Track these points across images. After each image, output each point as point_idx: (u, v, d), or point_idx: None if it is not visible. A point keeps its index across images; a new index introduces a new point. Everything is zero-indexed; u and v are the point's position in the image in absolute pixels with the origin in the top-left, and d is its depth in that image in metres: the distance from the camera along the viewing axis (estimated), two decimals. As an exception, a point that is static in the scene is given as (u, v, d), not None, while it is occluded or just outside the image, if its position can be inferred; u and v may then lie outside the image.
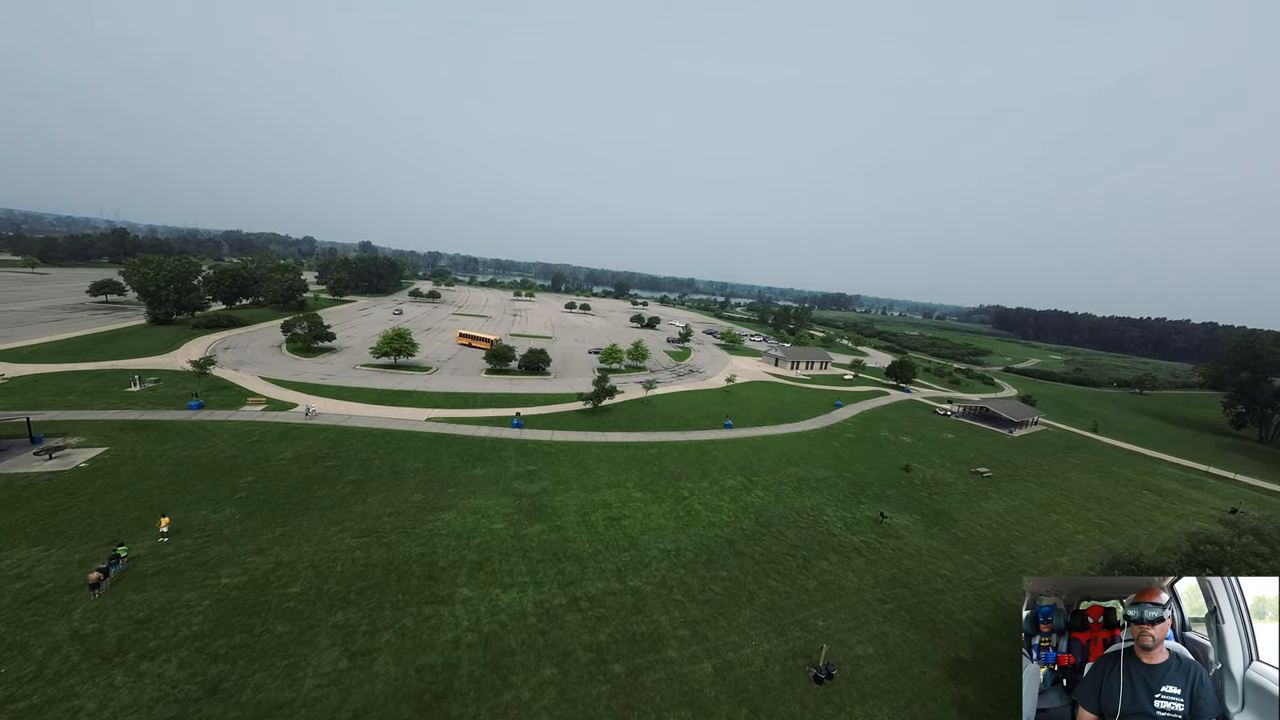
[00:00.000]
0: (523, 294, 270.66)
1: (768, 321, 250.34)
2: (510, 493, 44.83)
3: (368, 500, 41.07)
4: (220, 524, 35.81)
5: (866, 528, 46.09)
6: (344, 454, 48.91)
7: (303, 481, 42.90)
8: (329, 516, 38.19)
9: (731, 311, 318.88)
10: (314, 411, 57.89)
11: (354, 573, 32.10)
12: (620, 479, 49.98)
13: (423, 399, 68.83)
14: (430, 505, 41.25)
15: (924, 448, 73.51)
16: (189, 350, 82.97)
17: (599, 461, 53.61)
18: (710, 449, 61.41)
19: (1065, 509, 57.26)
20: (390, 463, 48.15)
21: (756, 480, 53.50)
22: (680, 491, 48.71)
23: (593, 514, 42.64)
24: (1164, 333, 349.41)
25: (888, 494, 54.89)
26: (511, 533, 38.53)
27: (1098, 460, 79.55)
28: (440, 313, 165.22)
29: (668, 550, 38.41)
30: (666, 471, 53.11)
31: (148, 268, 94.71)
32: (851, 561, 40.02)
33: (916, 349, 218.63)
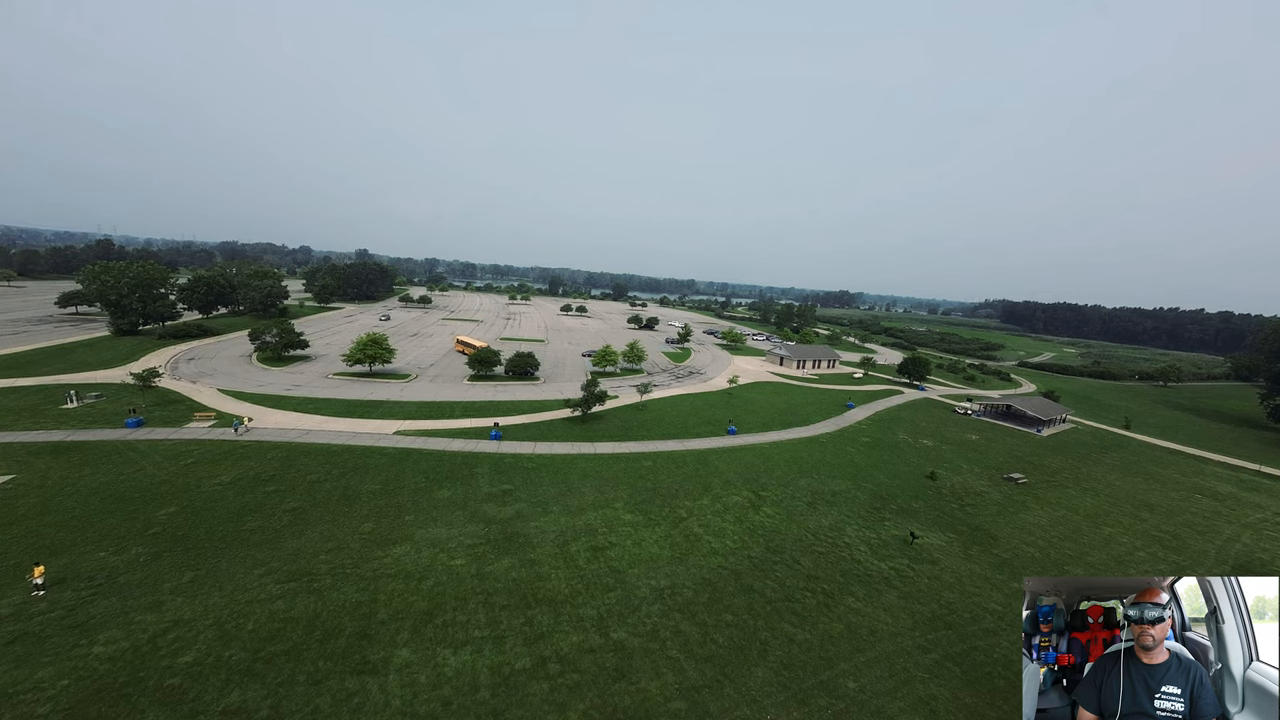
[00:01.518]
0: (518, 298, 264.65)
1: (770, 320, 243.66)
2: (478, 518, 38.48)
3: (306, 533, 34.79)
4: (117, 570, 29.59)
5: (895, 550, 39.51)
6: (291, 476, 42.71)
7: (234, 511, 36.66)
8: (255, 556, 31.92)
9: (733, 311, 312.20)
10: (246, 427, 51.58)
11: (268, 631, 25.78)
12: (608, 498, 43.58)
13: (394, 410, 62.64)
14: (380, 538, 34.93)
15: (948, 451, 66.83)
16: (148, 362, 77.06)
17: (585, 478, 47.21)
18: (711, 459, 54.93)
19: (1116, 519, 50.48)
20: (342, 485, 41.91)
21: (765, 495, 46.98)
22: (677, 512, 42.25)
23: (573, 543, 36.23)
24: (1178, 323, 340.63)
25: (914, 507, 48.30)
26: (474, 570, 32.15)
27: (1137, 460, 72.63)
28: (430, 318, 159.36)
29: (661, 588, 31.94)
30: (662, 487, 46.67)
31: (108, 275, 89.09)
32: (882, 596, 33.45)
33: (925, 345, 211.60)
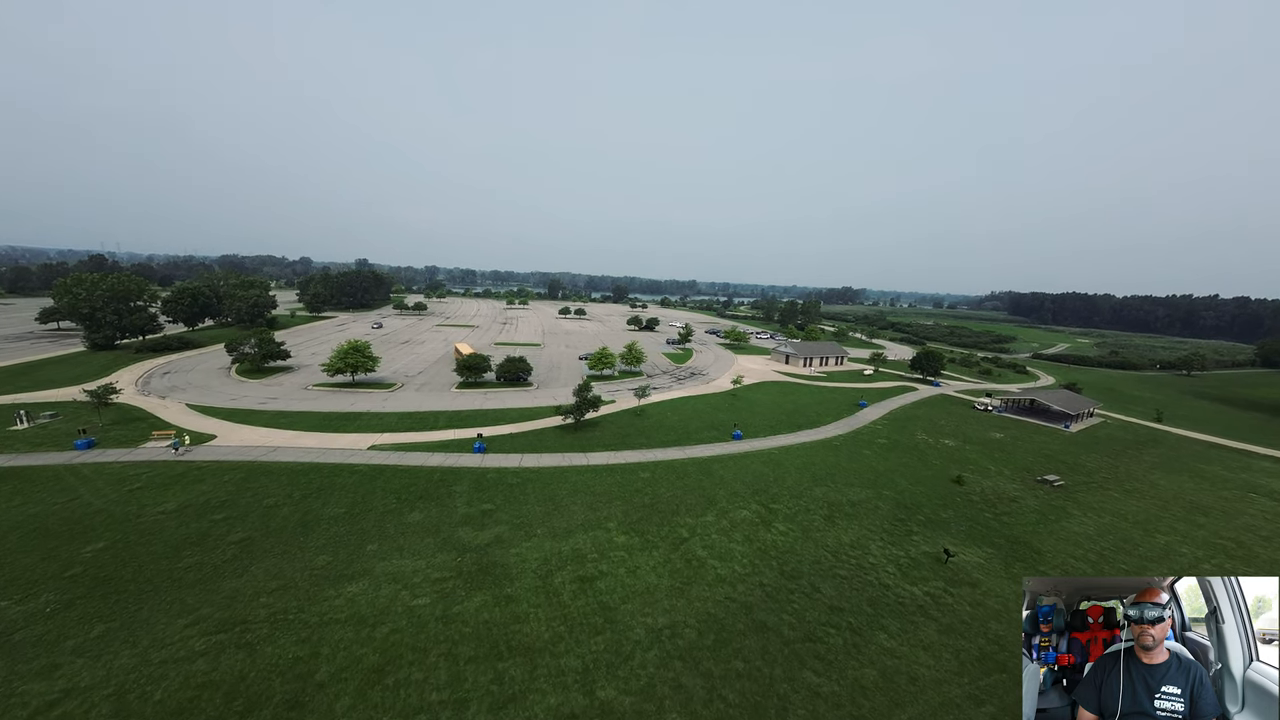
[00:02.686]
0: (515, 302, 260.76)
1: (774, 318, 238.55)
2: (451, 545, 33.81)
3: (250, 570, 30.22)
4: (15, 624, 25.07)
5: (928, 571, 34.54)
6: (245, 501, 38.21)
7: (172, 546, 32.16)
8: (185, 600, 27.37)
9: (735, 311, 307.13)
10: (186, 447, 47.14)
11: (179, 702, 21.18)
12: (600, 517, 38.82)
13: (373, 422, 58.20)
14: (335, 573, 30.32)
15: (972, 452, 61.67)
16: (119, 378, 73.10)
17: (575, 493, 42.49)
18: (716, 468, 50.08)
19: (1169, 525, 45.24)
20: (302, 510, 37.37)
21: (776, 509, 42.10)
22: (678, 531, 37.43)
23: (558, 572, 31.50)
24: (1191, 310, 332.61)
25: (942, 517, 43.28)
26: (439, 611, 27.48)
27: (1177, 456, 67.16)
28: (423, 325, 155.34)
29: (658, 628, 27.15)
30: (661, 502, 41.88)
31: (80, 288, 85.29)
32: (919, 630, 28.51)
33: (935, 339, 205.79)
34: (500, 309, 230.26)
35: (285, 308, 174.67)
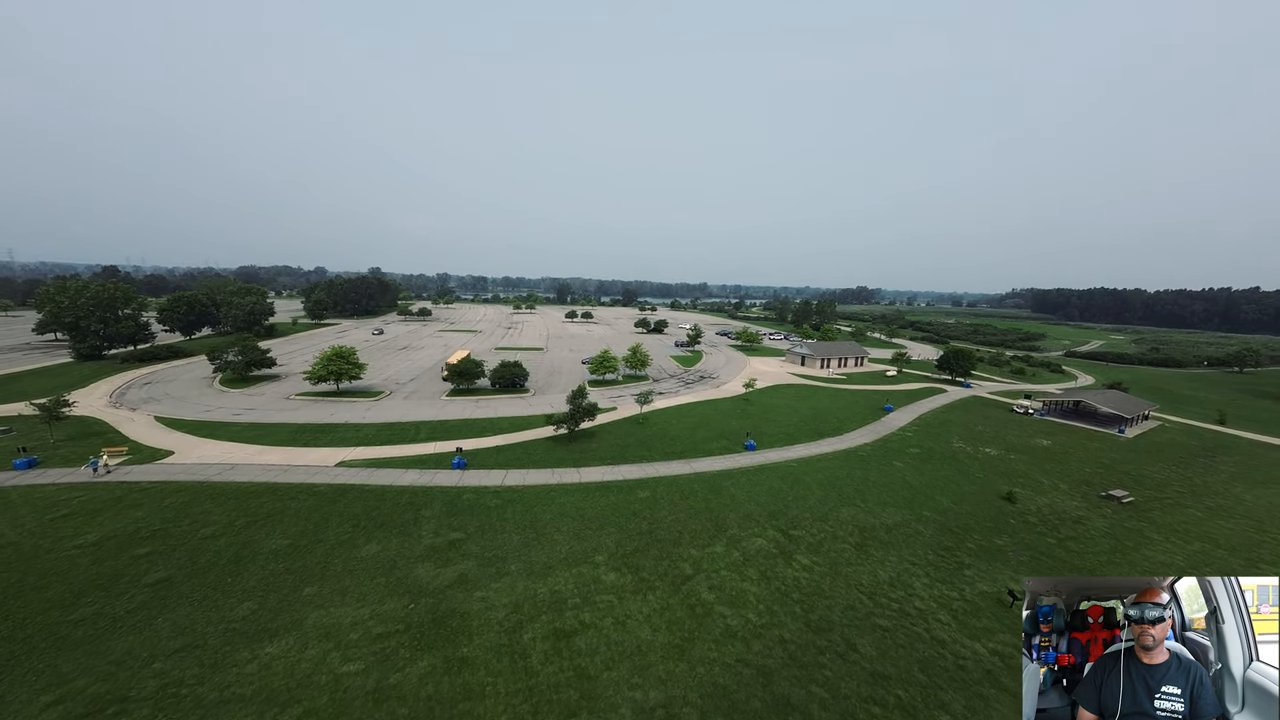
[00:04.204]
0: (522, 307, 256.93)
1: (787, 319, 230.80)
2: (405, 587, 28.16)
3: (155, 623, 24.87)
4: None
5: (990, 618, 27.83)
6: (179, 530, 33.09)
7: (73, 591, 27.02)
8: (60, 667, 22.07)
9: (747, 312, 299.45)
10: (107, 467, 42.13)
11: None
12: (588, 548, 32.87)
13: (349, 435, 53.12)
14: (256, 627, 24.82)
15: (1019, 462, 54.35)
16: (100, 389, 69.58)
17: (561, 518, 36.60)
18: (726, 485, 43.80)
19: (1274, 550, 37.66)
20: (241, 542, 32.09)
21: (797, 536, 35.67)
22: (680, 566, 31.27)
23: (530, 625, 25.59)
24: (1231, 303, 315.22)
25: (997, 544, 36.40)
26: (371, 683, 21.74)
27: (1258, 465, 58.82)
28: (425, 330, 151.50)
29: (650, 706, 21.03)
30: (661, 529, 35.74)
31: (63, 295, 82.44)
32: (991, 709, 21.89)
33: (958, 338, 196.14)
34: (506, 314, 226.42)
35: (292, 316, 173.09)
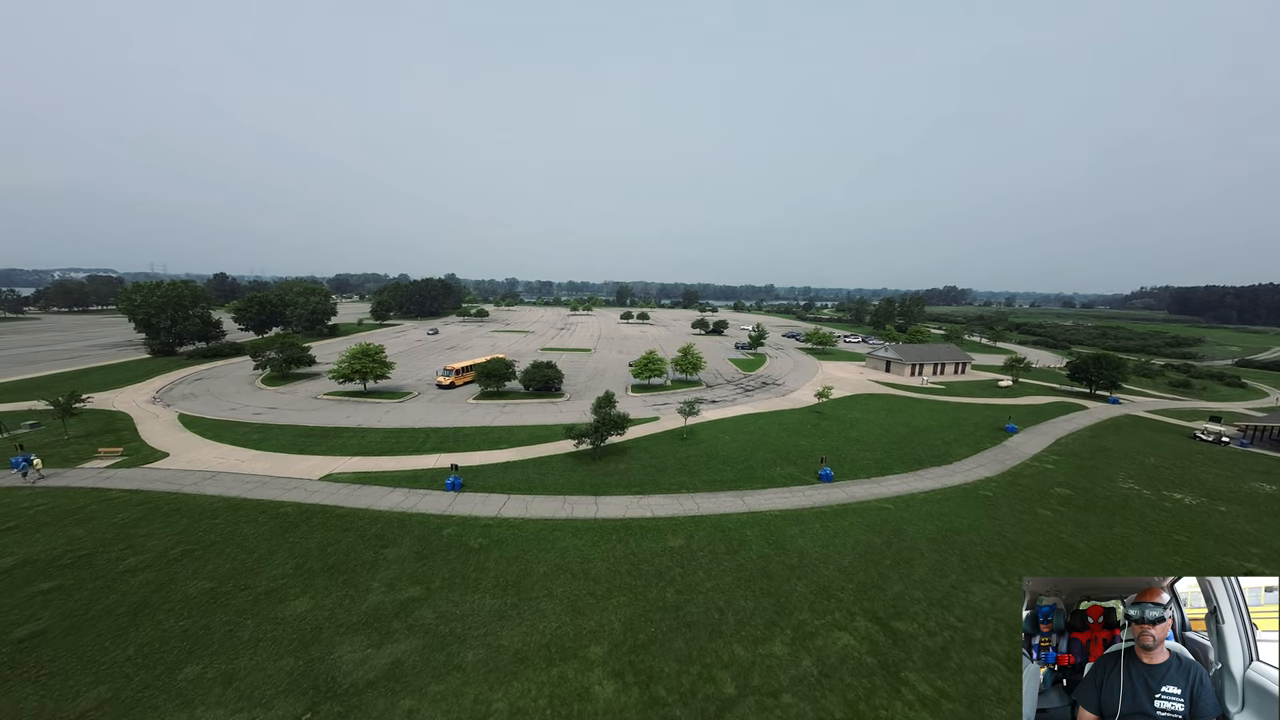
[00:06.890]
0: (580, 309, 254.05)
1: (865, 320, 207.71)
2: (311, 680, 19.66)
3: (-25, 709, 18.17)
4: None
5: None
6: (105, 559, 27.29)
7: (-71, 640, 21.30)
8: None
9: (818, 314, 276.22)
10: (38, 473, 37.57)
11: None
12: (584, 628, 22.80)
13: (351, 441, 47.19)
14: (87, 733, 17.31)
15: (1235, 518, 37.20)
16: (155, 384, 70.65)
17: (557, 575, 26.85)
18: (793, 535, 31.89)
19: None
20: (159, 580, 25.52)
21: (904, 632, 23.25)
22: (716, 679, 20.24)
23: (462, 778, 15.94)
24: None
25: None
26: None
27: None
28: (480, 330, 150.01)
29: None
30: (693, 602, 24.85)
31: (137, 294, 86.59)
32: None
33: (1080, 342, 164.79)
34: (563, 315, 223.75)
35: (359, 317, 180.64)
